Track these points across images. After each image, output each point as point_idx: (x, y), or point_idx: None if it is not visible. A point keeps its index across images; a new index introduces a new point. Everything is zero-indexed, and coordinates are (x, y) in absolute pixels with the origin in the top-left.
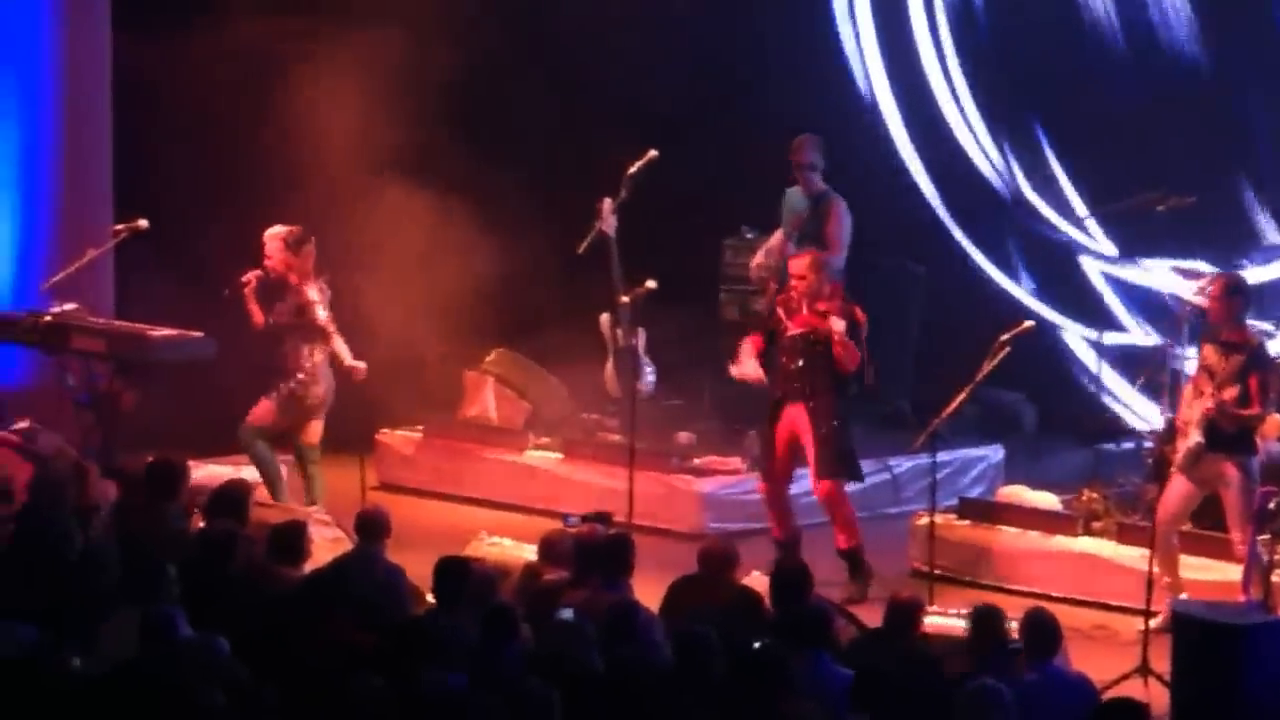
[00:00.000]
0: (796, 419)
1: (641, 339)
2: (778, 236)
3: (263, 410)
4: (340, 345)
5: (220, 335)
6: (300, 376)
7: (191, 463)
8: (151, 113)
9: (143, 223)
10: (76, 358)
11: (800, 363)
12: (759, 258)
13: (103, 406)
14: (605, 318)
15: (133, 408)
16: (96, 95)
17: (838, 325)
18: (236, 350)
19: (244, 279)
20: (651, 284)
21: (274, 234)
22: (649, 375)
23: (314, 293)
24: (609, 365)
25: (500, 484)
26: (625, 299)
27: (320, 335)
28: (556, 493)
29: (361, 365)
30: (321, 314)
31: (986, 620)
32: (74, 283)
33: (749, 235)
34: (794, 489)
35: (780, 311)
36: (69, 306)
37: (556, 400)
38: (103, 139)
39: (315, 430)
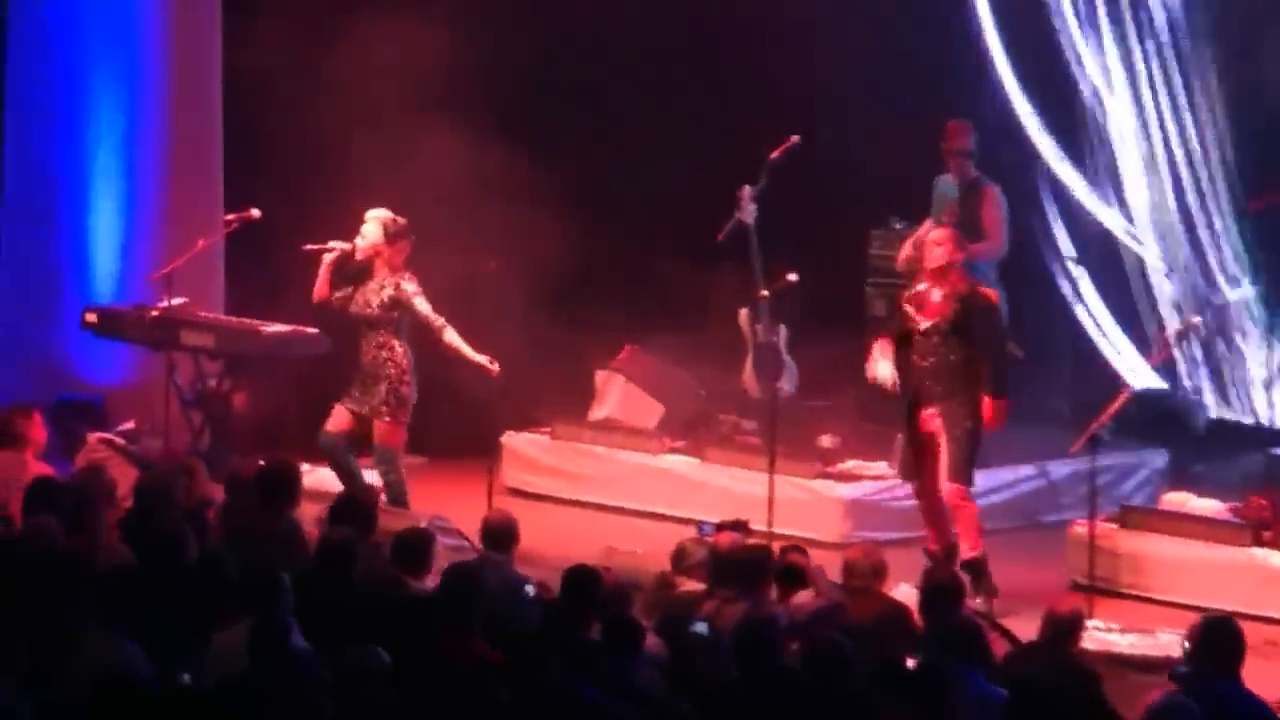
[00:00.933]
0: (931, 421)
1: (782, 335)
2: (927, 227)
3: (387, 430)
4: (457, 339)
5: (335, 331)
6: (397, 373)
7: (305, 466)
8: (264, 96)
9: (255, 212)
10: (185, 354)
11: (932, 360)
12: (907, 249)
13: (212, 406)
14: (744, 313)
15: (244, 408)
16: (207, 78)
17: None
18: (351, 347)
19: (329, 245)
20: (793, 277)
21: (376, 215)
22: (790, 374)
23: (410, 284)
24: (748, 363)
25: (631, 489)
26: (765, 293)
27: (411, 331)
28: (691, 499)
29: (494, 364)
30: (423, 307)
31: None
32: (183, 275)
33: (897, 226)
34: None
35: (908, 308)
36: (177, 300)
37: (691, 400)
38: (213, 124)
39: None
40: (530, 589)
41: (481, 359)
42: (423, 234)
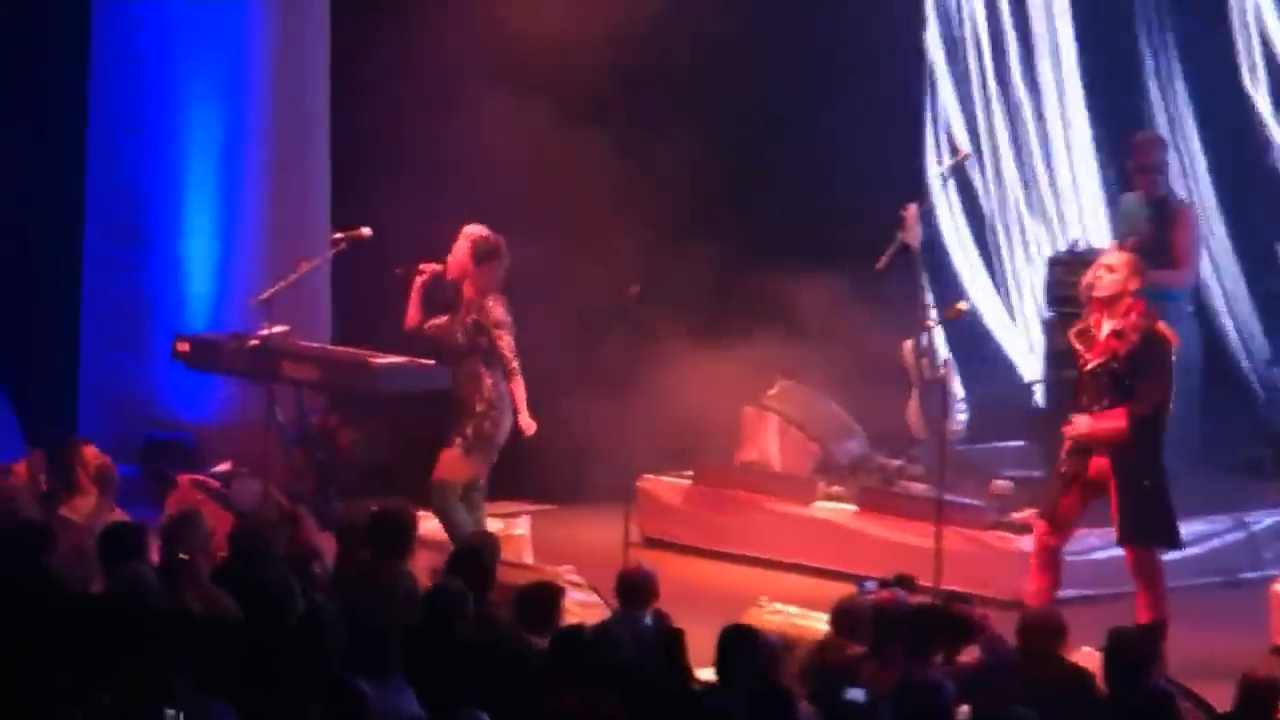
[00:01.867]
0: (1102, 471)
1: (952, 370)
2: (1113, 250)
3: (453, 459)
4: (519, 392)
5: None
6: (484, 408)
7: (421, 514)
8: (375, 105)
9: (365, 231)
10: (287, 388)
11: (1105, 404)
12: (1090, 276)
13: (317, 446)
14: (908, 345)
15: (352, 447)
16: (312, 86)
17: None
18: None
19: (422, 267)
20: (964, 306)
21: (468, 233)
22: (960, 413)
23: (498, 309)
24: (912, 401)
25: (783, 540)
26: (932, 323)
27: (498, 361)
28: (849, 551)
29: (532, 423)
30: (504, 339)
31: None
32: (285, 301)
33: (1080, 249)
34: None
35: (1078, 344)
36: (279, 328)
37: (850, 442)
38: (319, 134)
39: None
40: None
41: (526, 419)
42: (552, 254)
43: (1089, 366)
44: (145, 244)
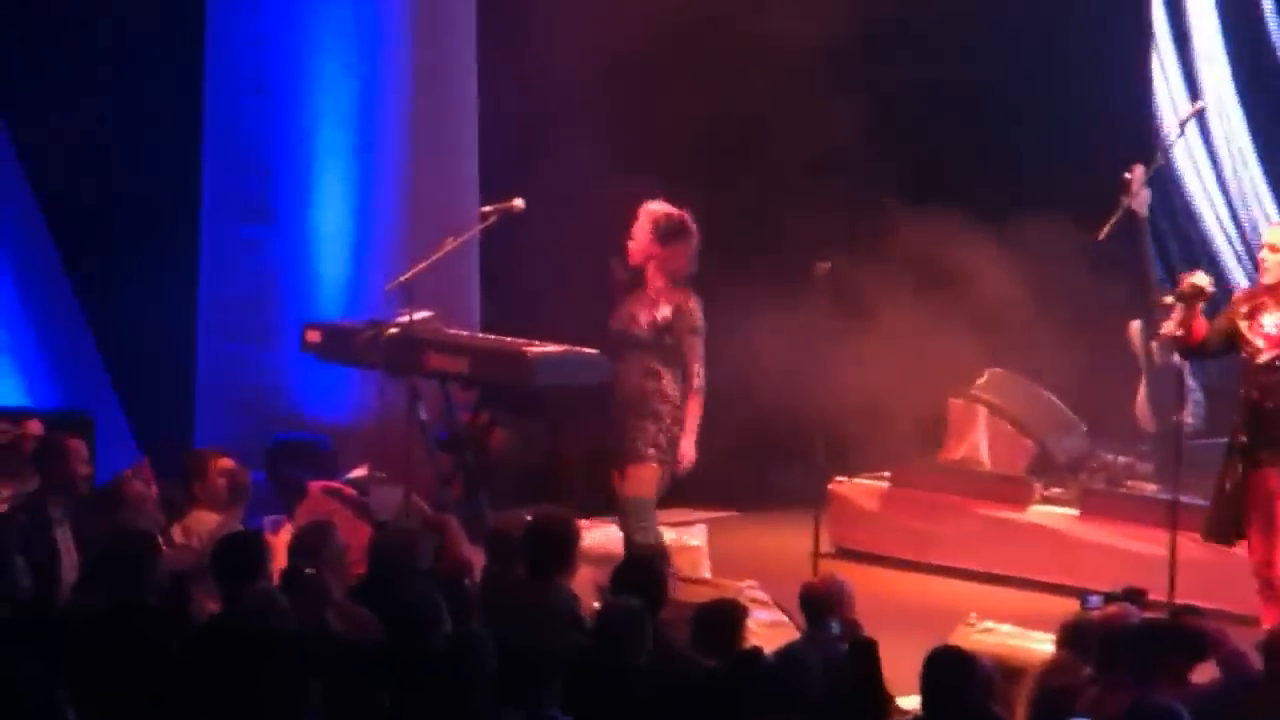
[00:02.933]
0: (1263, 485)
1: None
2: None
3: (647, 472)
4: (697, 409)
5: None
6: (670, 410)
7: (583, 523)
8: (529, 59)
9: (518, 202)
10: (431, 383)
11: (1273, 404)
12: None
13: (466, 447)
14: (1135, 325)
15: (505, 449)
16: (458, 36)
17: None
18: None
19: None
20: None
21: (649, 210)
22: (1196, 403)
23: (698, 310)
24: (1141, 390)
25: (994, 549)
26: (1167, 299)
27: (677, 360)
28: (1071, 561)
29: (692, 454)
30: (697, 347)
31: None
32: (428, 283)
33: None
34: None
35: (1243, 325)
36: (422, 314)
37: (1071, 437)
38: (466, 94)
39: None
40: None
41: (689, 446)
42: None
43: (1262, 359)
44: (270, 219)
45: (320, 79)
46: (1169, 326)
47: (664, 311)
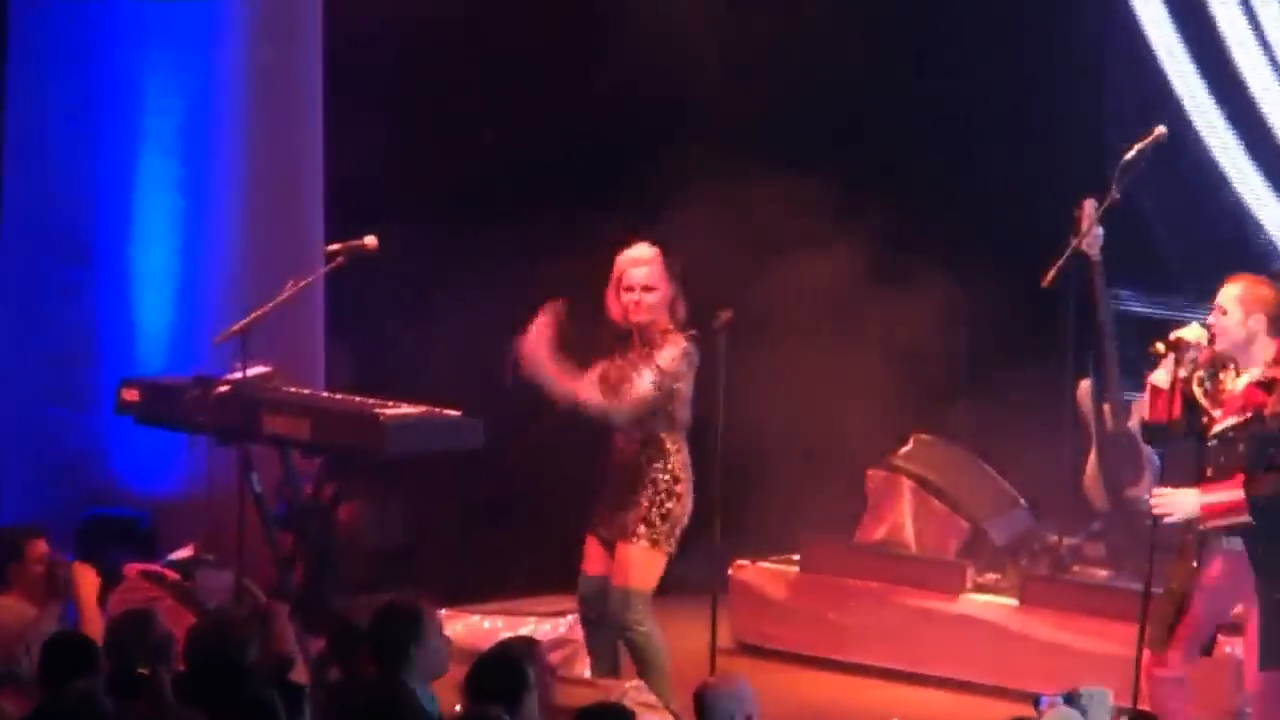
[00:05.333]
0: (1228, 574)
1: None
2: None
3: (642, 558)
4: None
5: (498, 412)
6: (668, 481)
7: (445, 612)
8: (381, 81)
9: (370, 240)
10: (269, 449)
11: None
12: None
13: (309, 524)
14: (1085, 385)
15: (355, 525)
16: (303, 53)
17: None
18: (528, 429)
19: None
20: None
21: (643, 256)
22: (1155, 474)
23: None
24: (1091, 459)
25: (920, 645)
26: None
27: (681, 425)
28: (1009, 660)
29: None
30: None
31: None
32: (267, 333)
33: None
34: None
35: (1198, 393)
36: (258, 370)
37: (1009, 515)
38: (310, 115)
39: None
40: None
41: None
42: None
43: (1217, 427)
44: (87, 260)
45: (144, 97)
46: (1159, 376)
47: (665, 371)
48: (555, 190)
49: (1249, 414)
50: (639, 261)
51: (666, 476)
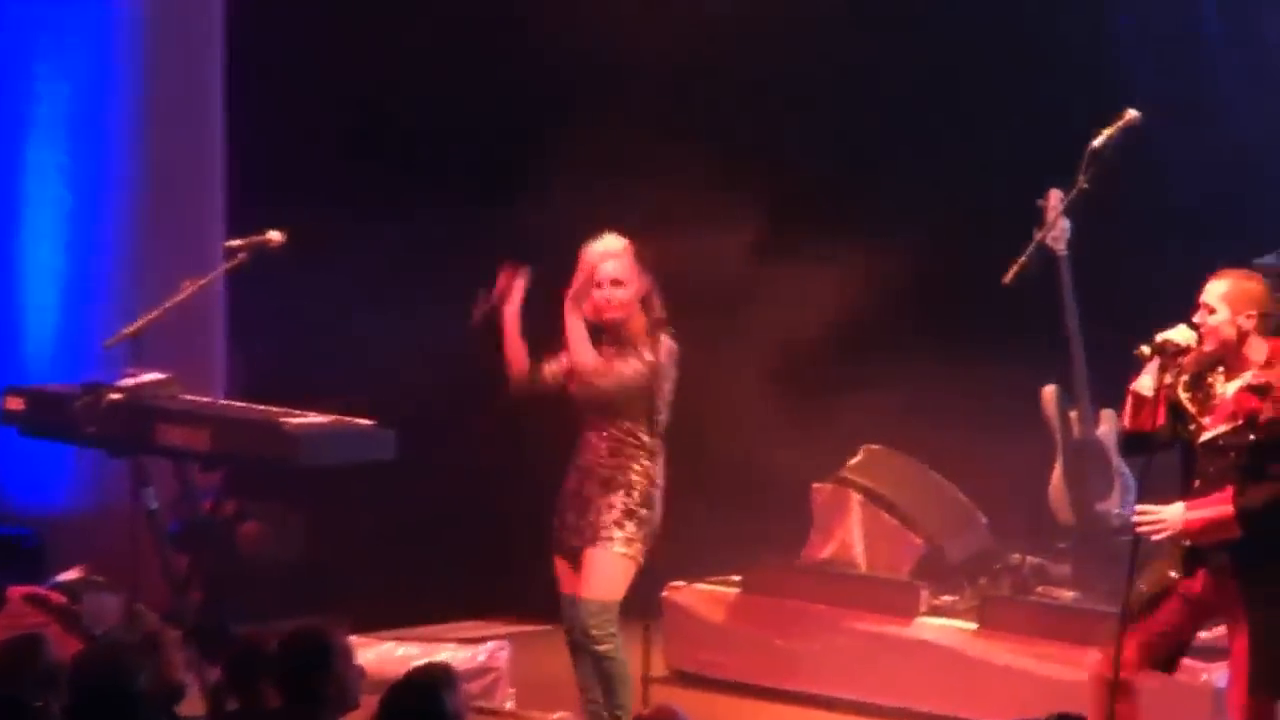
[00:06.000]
0: (1213, 592)
1: (1112, 427)
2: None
3: (611, 565)
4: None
5: (413, 425)
6: (642, 484)
7: (355, 639)
8: (285, 67)
9: (274, 235)
10: (163, 462)
11: (1221, 484)
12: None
13: (207, 542)
14: (1050, 391)
15: (258, 544)
16: (202, 31)
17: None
18: (450, 444)
19: (502, 283)
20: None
21: (611, 249)
22: (1127, 488)
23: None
24: (1056, 472)
25: (872, 672)
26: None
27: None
28: (967, 687)
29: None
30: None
31: None
32: (162, 336)
33: None
34: None
35: (1184, 398)
36: (152, 376)
37: (967, 532)
38: (210, 99)
39: None
40: None
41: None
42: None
43: (1206, 435)
44: None
45: (33, 83)
46: (1144, 382)
47: (650, 362)
48: (460, 180)
49: (1240, 421)
50: (607, 255)
51: (643, 480)
